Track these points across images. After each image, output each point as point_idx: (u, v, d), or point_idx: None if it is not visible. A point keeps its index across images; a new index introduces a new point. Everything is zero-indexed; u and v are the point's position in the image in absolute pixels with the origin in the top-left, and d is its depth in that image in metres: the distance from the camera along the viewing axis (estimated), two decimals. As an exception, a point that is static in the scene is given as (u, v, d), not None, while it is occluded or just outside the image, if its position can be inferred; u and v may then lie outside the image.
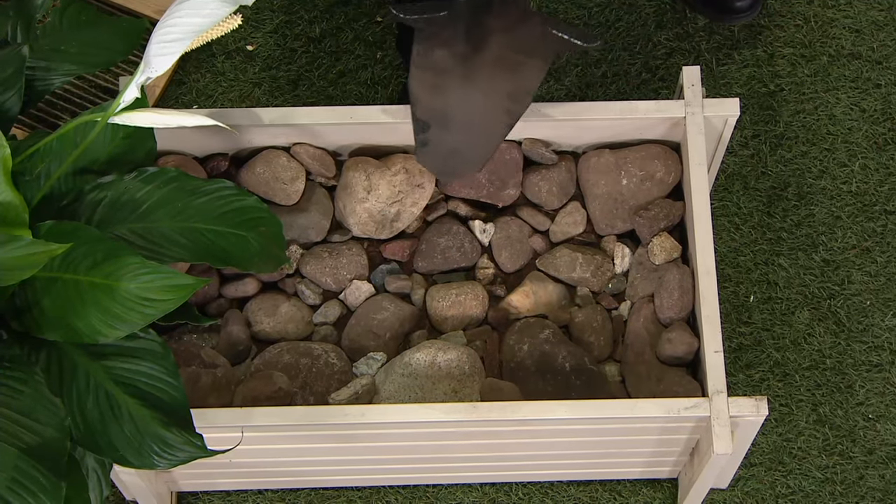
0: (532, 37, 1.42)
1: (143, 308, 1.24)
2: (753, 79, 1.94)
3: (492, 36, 1.41)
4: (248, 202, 1.43)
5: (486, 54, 1.41)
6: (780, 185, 1.88)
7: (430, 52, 1.41)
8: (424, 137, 1.44)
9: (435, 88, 1.42)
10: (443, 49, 1.40)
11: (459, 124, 1.44)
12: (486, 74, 1.42)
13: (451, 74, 1.42)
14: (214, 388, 1.51)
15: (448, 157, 1.46)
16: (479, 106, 1.44)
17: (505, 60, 1.42)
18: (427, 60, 1.41)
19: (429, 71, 1.41)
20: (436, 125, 1.44)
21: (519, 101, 1.44)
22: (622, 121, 1.59)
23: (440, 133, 1.44)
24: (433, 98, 1.42)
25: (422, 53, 1.41)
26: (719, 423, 1.42)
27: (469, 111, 1.44)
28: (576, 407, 1.43)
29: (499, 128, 1.45)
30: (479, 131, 1.45)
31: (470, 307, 1.60)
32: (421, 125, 1.44)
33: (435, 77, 1.41)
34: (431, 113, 1.43)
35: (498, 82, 1.43)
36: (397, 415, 1.43)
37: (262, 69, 1.96)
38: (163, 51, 1.19)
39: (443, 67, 1.41)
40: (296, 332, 1.60)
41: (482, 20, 1.39)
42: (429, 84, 1.42)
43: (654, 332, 1.56)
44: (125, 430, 1.28)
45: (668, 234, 1.59)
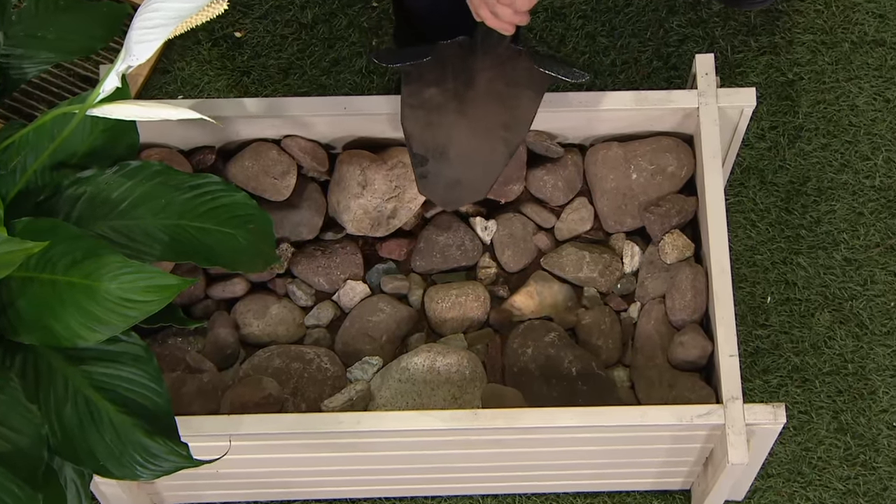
0: (521, 71, 1.48)
1: (124, 310, 1.24)
2: (771, 67, 1.94)
3: (480, 73, 1.48)
4: (235, 198, 1.43)
5: (477, 89, 1.48)
6: (799, 180, 1.88)
7: (420, 92, 1.48)
8: (424, 170, 1.50)
9: (429, 125, 1.49)
10: (432, 88, 1.47)
11: (457, 157, 1.50)
12: (479, 107, 1.48)
13: (444, 110, 1.48)
14: (200, 395, 1.52)
15: (450, 187, 1.51)
16: (475, 138, 1.49)
17: (497, 93, 1.48)
18: (417, 99, 1.48)
19: (420, 109, 1.48)
20: (434, 159, 1.50)
21: (515, 131, 1.50)
22: (632, 112, 1.59)
23: (439, 166, 1.50)
24: (428, 134, 1.49)
25: (412, 93, 1.48)
26: (734, 432, 1.42)
27: (465, 144, 1.50)
28: (582, 414, 1.43)
29: (497, 157, 1.50)
30: (477, 163, 1.51)
31: (471, 309, 1.60)
32: (419, 159, 1.50)
33: (427, 114, 1.48)
34: (427, 147, 1.50)
35: (491, 114, 1.49)
36: (394, 422, 1.44)
37: (251, 57, 1.96)
38: (144, 37, 1.19)
39: (435, 104, 1.48)
40: (286, 335, 1.60)
41: (468, 61, 1.46)
42: (422, 121, 1.48)
43: (665, 335, 1.56)
44: (106, 438, 1.28)
45: (680, 232, 1.59)
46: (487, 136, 1.50)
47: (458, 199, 1.54)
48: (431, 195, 1.53)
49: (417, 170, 1.51)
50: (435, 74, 1.47)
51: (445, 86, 1.48)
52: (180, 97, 1.97)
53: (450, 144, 1.50)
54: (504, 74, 1.48)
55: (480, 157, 1.51)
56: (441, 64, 1.46)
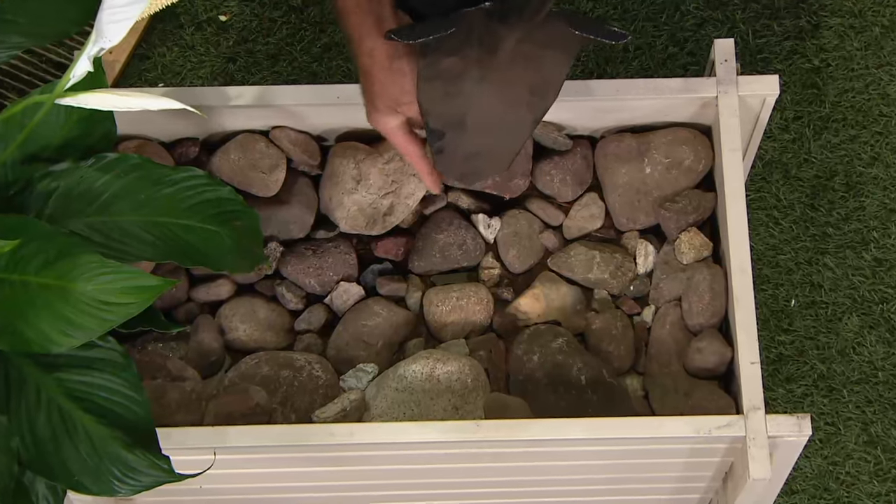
0: (553, 34, 1.44)
1: (101, 313, 1.24)
2: (795, 53, 1.95)
3: (507, 38, 1.43)
4: (220, 193, 1.44)
5: (501, 54, 1.43)
6: (826, 174, 1.89)
7: (438, 62, 1.43)
8: (440, 145, 1.48)
9: (447, 95, 1.45)
10: (453, 56, 1.43)
11: (478, 126, 1.47)
12: (503, 70, 1.44)
13: (465, 77, 1.44)
14: (183, 404, 1.52)
15: (468, 159, 1.50)
16: (498, 104, 1.47)
17: (523, 55, 1.44)
18: (435, 70, 1.44)
19: (438, 80, 1.44)
20: (451, 131, 1.47)
21: (541, 95, 1.47)
22: (646, 101, 1.59)
23: (457, 137, 1.48)
24: (446, 105, 1.46)
25: (429, 65, 1.43)
26: (756, 445, 1.42)
27: (487, 111, 1.47)
28: (593, 426, 1.43)
29: (522, 124, 1.48)
30: (500, 130, 1.49)
31: (473, 312, 1.60)
32: (436, 135, 1.47)
33: (446, 85, 1.45)
34: (445, 120, 1.47)
35: (517, 76, 1.45)
36: (390, 434, 1.44)
37: (237, 42, 1.97)
38: (115, 16, 1.18)
39: (454, 73, 1.44)
40: (275, 340, 1.61)
41: (494, 28, 1.42)
42: (440, 93, 1.45)
43: (681, 341, 1.56)
44: (81, 451, 1.28)
45: (697, 230, 1.60)
46: (510, 101, 1.47)
47: (476, 173, 1.52)
48: (447, 171, 1.51)
49: (434, 145, 1.48)
50: (456, 43, 1.42)
51: (467, 53, 1.43)
52: (161, 85, 1.97)
53: (469, 113, 1.47)
54: (533, 38, 1.43)
55: (502, 125, 1.48)
56: (465, 32, 1.41)
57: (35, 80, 1.91)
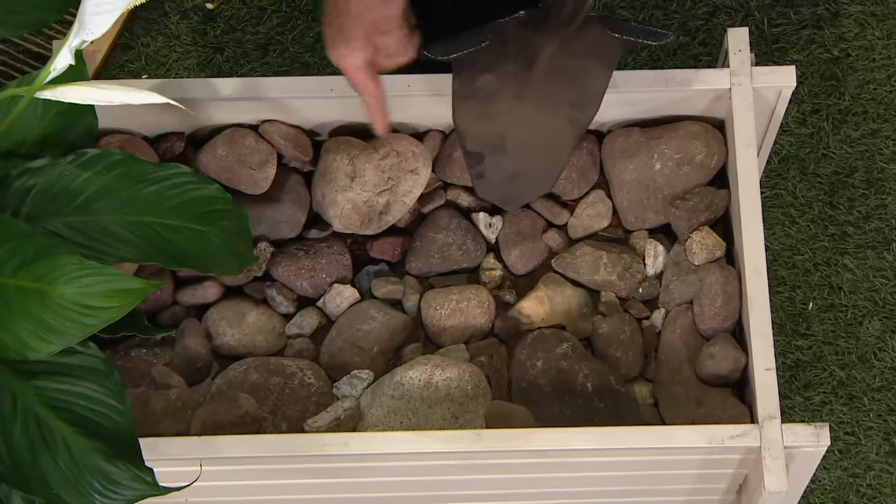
0: (590, 41, 1.45)
1: (81, 317, 1.24)
2: (813, 42, 1.95)
3: (543, 50, 1.44)
4: (207, 191, 1.44)
5: (538, 69, 1.45)
6: (846, 170, 1.89)
7: (474, 80, 1.45)
8: (480, 169, 1.51)
9: (484, 117, 1.47)
10: (488, 74, 1.45)
11: (518, 148, 1.50)
12: (541, 87, 1.46)
13: (502, 96, 1.46)
14: (168, 413, 1.52)
15: (510, 182, 1.52)
16: (539, 123, 1.48)
17: (562, 70, 1.46)
18: (470, 90, 1.45)
19: (474, 100, 1.46)
20: (491, 154, 1.50)
21: (583, 109, 1.49)
22: (655, 93, 1.59)
23: (497, 160, 1.50)
24: (484, 127, 1.48)
25: (464, 83, 1.45)
26: (772, 455, 1.43)
27: (527, 131, 1.49)
28: (599, 435, 1.43)
29: (563, 141, 1.50)
30: (542, 150, 1.50)
31: (473, 316, 1.60)
32: (474, 158, 1.50)
33: (483, 105, 1.47)
34: (484, 143, 1.49)
35: (556, 92, 1.47)
36: (386, 444, 1.44)
37: (225, 31, 1.97)
38: (100, 7, 1.19)
39: (491, 92, 1.46)
40: (265, 345, 1.61)
41: (531, 38, 1.43)
42: (476, 114, 1.47)
43: (693, 346, 1.56)
44: (60, 463, 1.29)
45: (709, 229, 1.60)
46: (551, 119, 1.49)
47: (519, 196, 1.55)
48: (490, 196, 1.54)
49: (473, 169, 1.51)
50: (491, 58, 1.44)
51: (503, 69, 1.45)
52: (145, 77, 1.97)
53: (508, 134, 1.49)
54: (571, 48, 1.45)
55: (543, 144, 1.50)
56: (500, 45, 1.42)
57: (12, 72, 1.92)
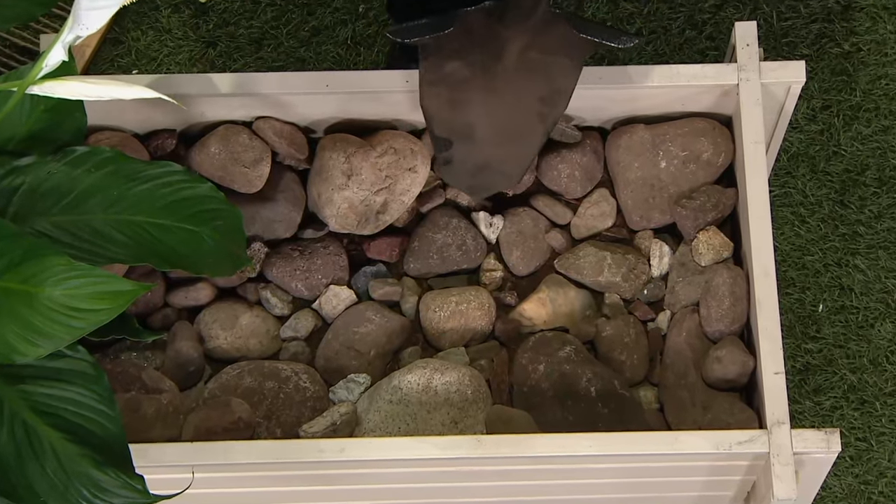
0: (558, 38, 1.49)
1: (69, 320, 1.24)
2: (824, 36, 1.95)
3: (511, 42, 1.48)
4: (200, 190, 1.44)
5: (507, 60, 1.49)
6: (857, 168, 1.89)
7: (441, 66, 1.48)
8: (447, 155, 1.53)
9: (452, 103, 1.50)
10: (455, 61, 1.48)
11: (487, 137, 1.52)
12: (511, 80, 1.49)
13: (471, 85, 1.49)
14: (159, 418, 1.52)
15: (478, 172, 1.54)
16: (508, 114, 1.51)
17: (531, 63, 1.49)
18: (438, 75, 1.49)
19: (441, 85, 1.49)
20: (459, 141, 1.52)
21: (553, 104, 1.52)
22: (660, 89, 1.59)
23: (466, 149, 1.52)
24: (452, 113, 1.50)
25: (431, 68, 1.49)
26: (780, 462, 1.43)
27: (497, 122, 1.52)
28: (603, 441, 1.44)
29: (534, 135, 1.53)
30: (511, 142, 1.53)
31: (473, 318, 1.60)
32: (442, 143, 1.52)
33: (451, 91, 1.50)
34: (452, 129, 1.51)
35: (526, 86, 1.50)
36: (384, 450, 1.44)
37: (218, 25, 1.97)
38: (96, 3, 1.19)
39: (459, 79, 1.49)
40: (259, 348, 1.61)
41: (496, 29, 1.46)
42: (444, 99, 1.50)
43: (699, 349, 1.57)
44: (47, 470, 1.29)
45: (716, 229, 1.60)
46: (520, 112, 1.52)
47: (487, 186, 1.56)
48: (456, 183, 1.56)
49: (440, 155, 1.53)
50: (458, 45, 1.48)
51: (470, 58, 1.49)
52: (135, 72, 1.97)
53: (477, 123, 1.52)
54: (538, 42, 1.48)
55: (513, 136, 1.53)
56: (465, 34, 1.47)
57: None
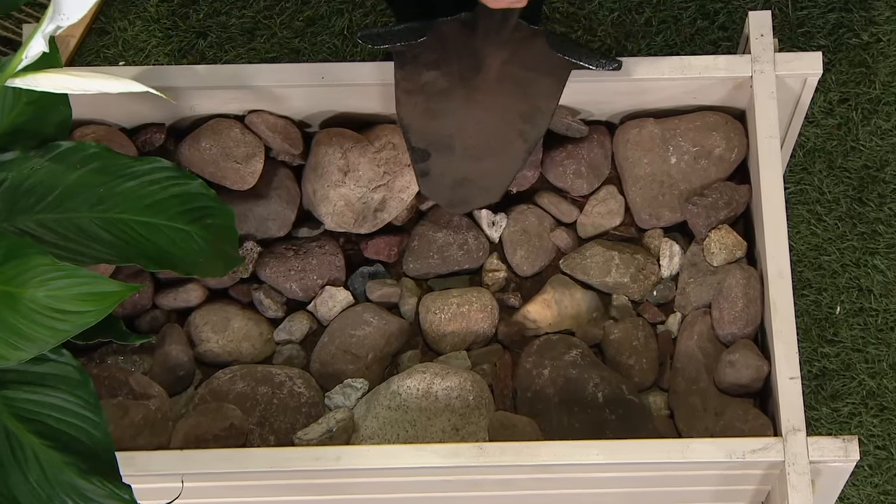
0: (539, 54, 1.51)
1: (54, 322, 1.24)
2: (841, 26, 1.95)
3: (491, 56, 1.50)
4: (190, 187, 1.44)
5: (487, 73, 1.51)
6: (876, 164, 1.89)
7: (418, 75, 1.51)
8: (425, 167, 1.55)
9: (430, 112, 1.52)
10: (432, 70, 1.51)
11: (466, 150, 1.54)
12: (491, 94, 1.52)
13: (449, 96, 1.52)
14: (147, 425, 1.52)
15: (457, 186, 1.56)
16: (488, 129, 1.53)
17: (511, 78, 1.51)
18: (415, 84, 1.51)
19: (419, 94, 1.52)
20: (437, 153, 1.54)
21: (534, 123, 1.54)
22: (671, 82, 1.59)
23: (444, 161, 1.54)
24: (430, 123, 1.53)
25: (407, 77, 1.51)
26: (796, 471, 1.43)
27: (477, 135, 1.54)
28: (611, 449, 1.44)
29: (514, 153, 1.55)
30: (491, 157, 1.55)
31: (475, 321, 1.60)
32: (419, 153, 1.54)
33: (428, 100, 1.52)
34: (430, 139, 1.54)
35: (507, 102, 1.52)
36: (382, 458, 1.44)
37: (208, 14, 1.97)
38: (77, -9, 1.19)
39: (437, 89, 1.51)
40: (252, 352, 1.61)
41: (472, 41, 1.49)
42: (421, 108, 1.52)
43: (711, 353, 1.57)
44: (30, 478, 1.29)
45: (729, 228, 1.60)
46: (503, 128, 1.54)
47: (467, 201, 1.58)
48: (435, 196, 1.57)
49: (418, 166, 1.55)
50: (434, 55, 1.50)
51: (448, 68, 1.51)
52: (122, 64, 1.97)
53: (457, 136, 1.54)
54: (519, 57, 1.50)
55: (494, 152, 1.55)
56: (441, 44, 1.49)
57: (-20, 58, 1.92)
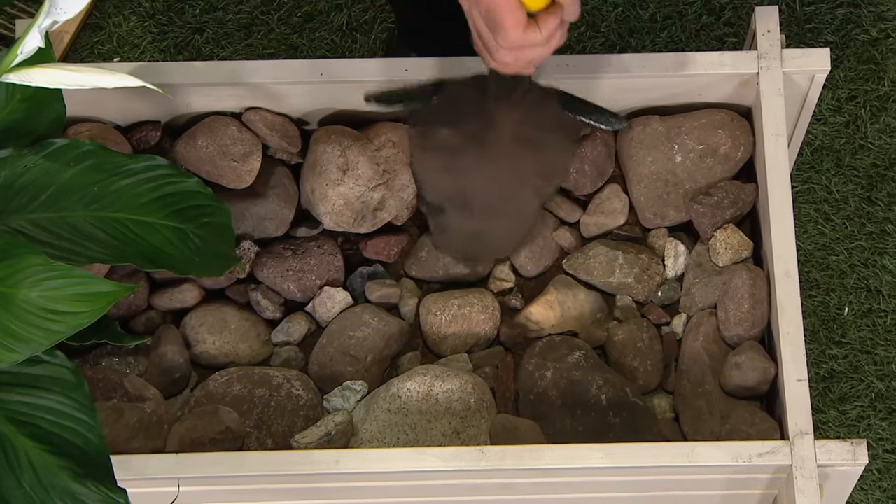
0: (550, 113, 1.53)
1: (47, 323, 1.24)
2: (850, 22, 1.95)
3: (503, 115, 1.52)
4: (186, 185, 1.44)
5: (500, 132, 1.53)
6: (885, 162, 1.89)
7: (431, 133, 1.54)
8: (440, 222, 1.58)
9: (445, 170, 1.55)
10: (446, 128, 1.53)
11: (481, 207, 1.57)
12: (504, 152, 1.54)
13: (463, 153, 1.54)
14: (142, 428, 1.52)
15: (472, 241, 1.59)
16: (502, 186, 1.56)
17: (524, 137, 1.53)
18: (429, 142, 1.55)
19: (433, 151, 1.55)
20: (452, 209, 1.57)
21: (549, 180, 1.58)
22: (676, 79, 1.59)
23: (459, 217, 1.58)
24: (444, 180, 1.56)
25: (421, 135, 1.55)
26: (804, 475, 1.43)
27: (491, 192, 1.56)
28: (615, 452, 1.44)
29: (528, 208, 1.58)
30: (505, 213, 1.58)
31: (477, 322, 1.60)
32: (434, 209, 1.58)
33: (443, 158, 1.55)
34: (445, 196, 1.57)
35: (520, 160, 1.55)
36: (382, 462, 1.44)
37: (205, 10, 1.97)
38: (73, -14, 1.19)
39: (451, 147, 1.54)
40: (249, 354, 1.61)
41: (484, 100, 1.50)
42: (436, 166, 1.56)
43: (717, 355, 1.57)
44: (23, 483, 1.29)
45: (735, 227, 1.60)
46: (516, 185, 1.57)
47: (481, 256, 1.61)
48: (448, 251, 1.60)
49: (432, 221, 1.59)
50: (447, 114, 1.53)
51: (461, 127, 1.53)
52: (117, 60, 1.97)
53: (471, 192, 1.57)
54: (531, 117, 1.52)
55: (508, 208, 1.58)
56: (453, 103, 1.52)
57: (-28, 55, 1.92)
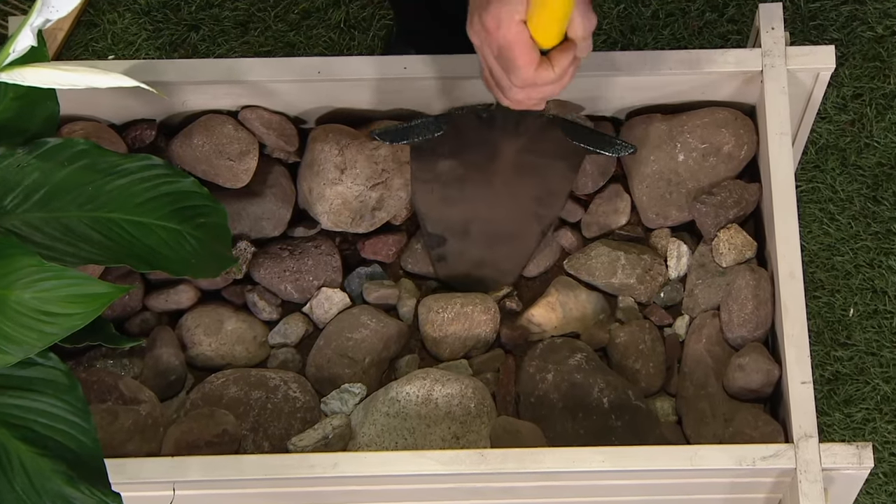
0: (554, 142, 1.54)
1: (41, 325, 1.24)
2: (855, 19, 1.95)
3: (505, 145, 1.54)
4: (182, 185, 1.44)
5: (502, 161, 1.55)
6: (891, 162, 1.89)
7: (433, 165, 1.56)
8: (441, 252, 1.61)
9: (445, 200, 1.58)
10: (448, 160, 1.56)
11: (482, 235, 1.60)
12: (506, 180, 1.57)
13: (465, 183, 1.57)
14: (137, 431, 1.52)
15: (473, 268, 1.62)
16: (504, 214, 1.59)
17: (527, 165, 1.56)
18: (430, 174, 1.57)
19: (434, 183, 1.57)
20: (453, 238, 1.60)
21: (549, 206, 1.59)
22: (678, 77, 1.59)
23: (460, 245, 1.60)
24: (445, 210, 1.59)
25: (423, 168, 1.57)
26: (808, 479, 1.43)
27: (492, 220, 1.59)
28: (617, 456, 1.44)
29: (530, 235, 1.60)
30: (507, 240, 1.60)
31: (476, 324, 1.60)
32: (435, 239, 1.60)
33: (443, 188, 1.57)
34: (445, 226, 1.60)
35: (522, 187, 1.57)
36: (381, 465, 1.44)
37: (200, 7, 1.97)
38: (66, -17, 1.19)
39: (452, 177, 1.57)
40: (245, 356, 1.61)
41: (488, 133, 1.52)
42: (437, 197, 1.58)
43: (720, 357, 1.57)
44: (16, 487, 1.29)
45: (738, 227, 1.60)
46: (518, 212, 1.59)
47: (483, 284, 1.62)
48: (450, 279, 1.62)
49: (434, 251, 1.60)
50: (450, 146, 1.55)
51: (463, 158, 1.56)
52: (111, 58, 1.97)
53: (472, 221, 1.59)
54: (534, 145, 1.54)
55: (510, 236, 1.60)
56: (457, 136, 1.54)
57: (-35, 52, 1.92)
